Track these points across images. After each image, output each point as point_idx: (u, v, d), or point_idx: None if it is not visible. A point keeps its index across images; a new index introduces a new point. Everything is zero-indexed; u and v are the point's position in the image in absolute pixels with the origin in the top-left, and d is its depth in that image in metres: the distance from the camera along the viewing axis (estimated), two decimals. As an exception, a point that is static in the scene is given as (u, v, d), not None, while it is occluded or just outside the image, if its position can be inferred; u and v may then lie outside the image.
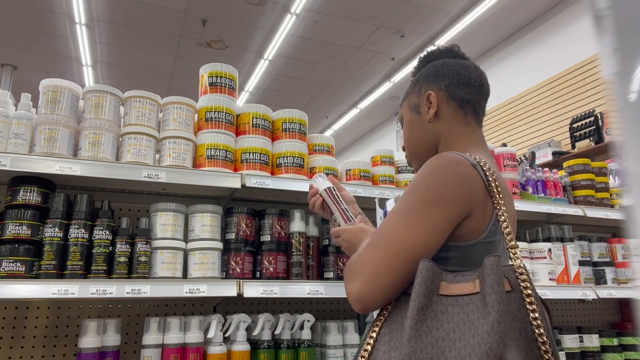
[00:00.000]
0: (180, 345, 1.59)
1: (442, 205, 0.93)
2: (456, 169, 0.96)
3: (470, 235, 0.96)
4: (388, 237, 0.95)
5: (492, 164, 1.07)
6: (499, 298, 0.82)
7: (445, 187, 0.95)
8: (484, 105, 1.18)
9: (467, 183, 0.96)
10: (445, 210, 0.93)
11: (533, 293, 0.86)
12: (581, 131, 4.83)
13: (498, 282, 0.83)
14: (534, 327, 0.83)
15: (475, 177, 0.97)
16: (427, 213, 0.93)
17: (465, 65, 1.18)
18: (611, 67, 0.44)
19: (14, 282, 1.39)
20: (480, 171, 0.98)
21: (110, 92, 1.72)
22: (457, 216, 0.94)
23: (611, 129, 0.50)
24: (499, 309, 0.81)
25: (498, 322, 0.80)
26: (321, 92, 8.37)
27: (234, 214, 1.81)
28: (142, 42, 6.74)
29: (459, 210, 0.94)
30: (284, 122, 1.97)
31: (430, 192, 0.95)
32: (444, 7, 6.03)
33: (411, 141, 1.22)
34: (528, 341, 0.83)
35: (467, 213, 0.95)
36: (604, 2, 0.45)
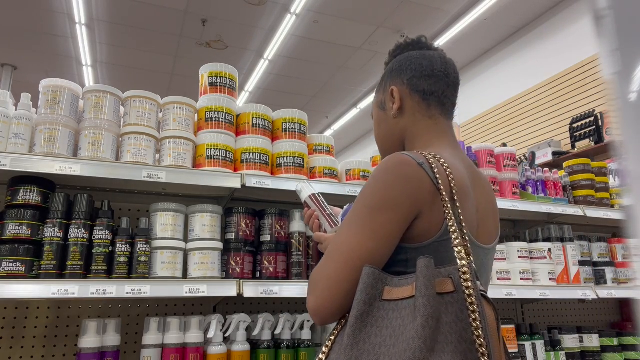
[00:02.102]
0: (180, 345, 1.59)
1: (387, 210, 0.92)
2: (400, 170, 0.95)
3: (425, 235, 0.94)
4: (338, 247, 0.94)
5: (457, 158, 1.06)
6: (426, 302, 0.80)
7: (389, 190, 0.94)
8: (452, 95, 1.15)
9: (412, 184, 0.94)
10: (390, 214, 0.92)
11: (474, 293, 0.83)
12: (581, 131, 4.83)
13: (426, 285, 0.82)
14: (473, 328, 0.81)
15: (420, 177, 0.94)
16: (372, 219, 0.93)
17: (429, 56, 1.14)
18: (611, 67, 0.44)
19: (14, 282, 1.39)
20: (427, 169, 0.95)
21: (110, 92, 1.72)
22: (405, 218, 0.93)
23: (611, 129, 0.50)
24: (425, 312, 0.79)
25: (423, 326, 0.78)
26: (321, 92, 8.37)
27: (234, 214, 1.81)
28: (142, 42, 6.74)
29: (405, 212, 0.93)
30: (284, 122, 1.97)
31: (374, 197, 0.95)
32: (444, 7, 6.03)
33: (379, 138, 1.22)
34: (468, 343, 0.80)
35: (416, 214, 0.94)
36: (604, 2, 0.45)
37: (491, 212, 1.10)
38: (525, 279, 2.19)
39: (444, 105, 1.13)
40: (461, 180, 1.00)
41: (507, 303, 2.56)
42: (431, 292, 0.81)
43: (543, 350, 2.14)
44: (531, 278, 2.21)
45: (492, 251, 1.09)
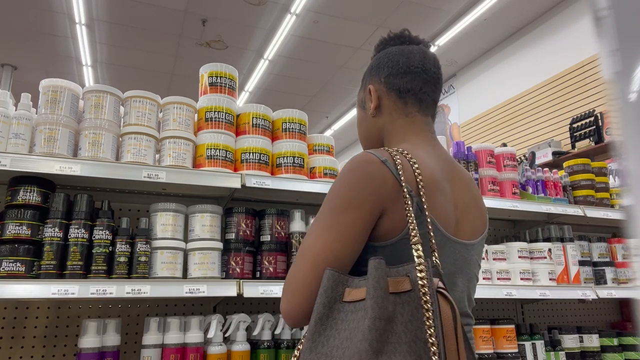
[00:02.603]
0: (180, 345, 1.59)
1: (350, 210, 0.92)
2: (363, 169, 0.94)
3: (392, 232, 0.93)
4: (305, 250, 0.94)
5: (431, 154, 1.05)
6: (373, 303, 0.80)
7: (351, 190, 0.93)
8: (431, 91, 1.12)
9: (374, 182, 0.93)
10: (354, 214, 0.92)
11: (429, 291, 0.82)
12: (581, 131, 4.83)
13: (374, 286, 0.81)
14: (427, 327, 0.79)
15: (383, 174, 0.93)
16: (336, 221, 0.92)
17: (407, 52, 1.12)
18: (611, 67, 0.44)
19: (14, 282, 1.39)
20: (390, 166, 0.94)
21: (110, 92, 1.72)
22: (369, 217, 0.92)
23: (611, 129, 0.50)
24: (372, 314, 0.79)
25: (369, 328, 0.78)
26: (321, 92, 8.37)
27: (234, 214, 1.81)
28: (142, 42, 6.74)
29: (369, 211, 0.92)
30: (284, 122, 1.97)
31: (339, 199, 0.94)
32: (444, 7, 6.03)
33: (361, 137, 1.21)
34: (422, 343, 0.79)
35: (380, 212, 0.93)
36: (604, 2, 0.45)
37: (474, 207, 1.08)
38: (525, 279, 2.19)
39: (421, 102, 1.11)
40: (430, 176, 0.98)
41: (507, 303, 2.56)
42: (379, 293, 0.81)
43: (543, 350, 2.14)
44: (531, 278, 2.21)
45: (477, 246, 1.07)
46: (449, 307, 0.82)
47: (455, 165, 1.11)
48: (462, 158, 2.30)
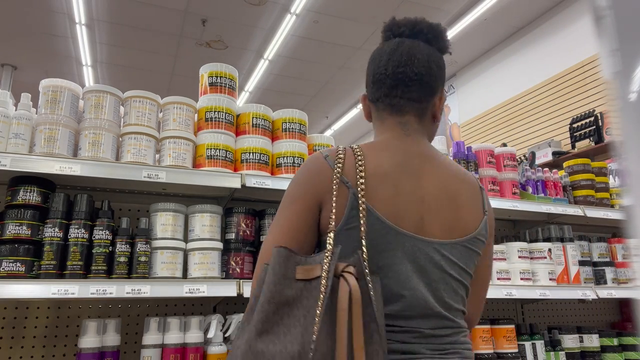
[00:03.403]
0: (180, 345, 1.59)
1: (292, 204, 0.99)
2: (306, 167, 1.03)
3: (333, 221, 0.95)
4: (264, 245, 1.00)
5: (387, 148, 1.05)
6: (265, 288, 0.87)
7: (294, 186, 1.03)
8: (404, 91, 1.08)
9: (313, 177, 1.00)
10: (294, 207, 0.99)
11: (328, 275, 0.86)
12: (581, 131, 4.83)
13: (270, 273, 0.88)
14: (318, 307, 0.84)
15: (320, 169, 0.99)
16: (281, 215, 1.00)
17: (377, 56, 1.12)
18: (611, 67, 0.44)
19: (14, 282, 1.39)
20: (330, 162, 0.99)
21: (110, 92, 1.72)
22: (307, 209, 0.98)
23: (611, 129, 0.50)
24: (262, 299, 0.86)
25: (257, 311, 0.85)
26: (321, 92, 8.37)
27: (234, 214, 1.81)
28: (142, 42, 6.74)
29: (307, 202, 0.98)
30: (284, 122, 1.97)
31: (285, 196, 1.03)
32: (444, 7, 6.03)
33: None
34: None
35: (319, 203, 0.98)
36: (604, 2, 0.45)
37: (447, 204, 1.04)
38: (525, 279, 2.19)
39: (392, 105, 1.10)
40: (376, 169, 0.99)
41: (507, 303, 2.56)
42: (271, 279, 0.86)
43: (543, 350, 2.14)
44: (531, 278, 2.21)
45: (453, 247, 1.02)
46: (347, 290, 0.85)
47: (433, 161, 1.08)
48: (462, 158, 2.30)
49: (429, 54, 1.11)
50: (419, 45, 1.12)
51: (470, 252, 1.06)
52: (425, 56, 1.10)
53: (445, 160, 1.12)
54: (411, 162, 1.04)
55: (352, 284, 0.85)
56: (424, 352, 0.95)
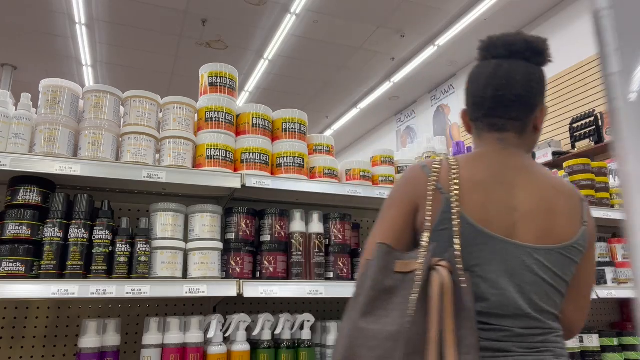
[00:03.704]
0: (180, 345, 1.59)
1: (392, 207, 1.13)
2: (405, 175, 1.16)
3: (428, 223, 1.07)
4: (368, 243, 1.11)
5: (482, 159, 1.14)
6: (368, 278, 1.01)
7: (394, 192, 1.16)
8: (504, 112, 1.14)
9: (410, 184, 1.12)
10: (394, 210, 1.12)
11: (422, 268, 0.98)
12: (581, 131, 4.83)
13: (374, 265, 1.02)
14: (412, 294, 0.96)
15: (418, 178, 1.11)
16: (383, 217, 1.13)
17: (475, 78, 1.17)
18: (611, 67, 0.44)
19: (14, 282, 1.39)
20: (427, 171, 1.11)
21: (110, 92, 1.72)
22: (407, 212, 1.10)
23: (611, 129, 0.50)
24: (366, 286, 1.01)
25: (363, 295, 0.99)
26: (321, 92, 8.37)
27: (234, 214, 1.81)
28: (142, 42, 6.74)
29: (406, 207, 1.10)
30: (284, 122, 1.97)
31: (386, 199, 1.16)
32: (444, 7, 6.03)
33: None
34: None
35: (415, 207, 1.10)
36: (604, 2, 0.45)
37: (543, 213, 1.10)
38: (525, 279, 2.19)
39: (492, 125, 1.16)
40: (469, 178, 1.09)
41: (507, 303, 2.55)
42: (374, 270, 1.00)
43: (543, 350, 2.13)
44: (531, 278, 2.21)
45: (543, 252, 1.07)
46: (439, 281, 0.96)
47: (530, 172, 1.14)
48: (462, 158, 2.29)
49: (528, 73, 1.13)
50: (517, 66, 1.14)
51: (566, 260, 1.10)
52: (524, 76, 1.12)
53: (544, 171, 1.19)
54: (506, 173, 1.12)
55: (444, 275, 0.96)
56: (515, 350, 1.01)
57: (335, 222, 1.95)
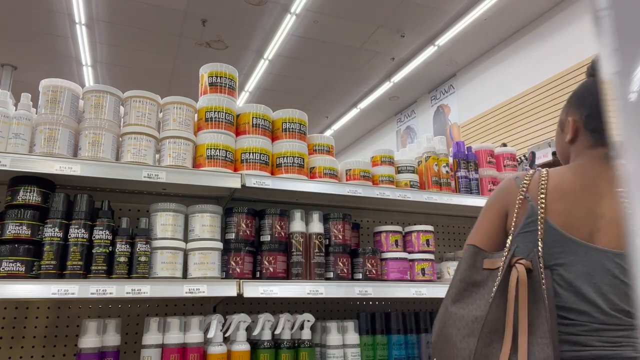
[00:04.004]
0: (180, 345, 1.59)
1: (486, 213, 1.28)
2: (500, 186, 1.31)
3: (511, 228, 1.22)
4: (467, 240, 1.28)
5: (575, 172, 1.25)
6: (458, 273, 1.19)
7: (489, 200, 1.30)
8: None
9: (502, 192, 1.27)
10: (488, 215, 1.27)
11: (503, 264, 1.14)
12: (581, 131, 4.82)
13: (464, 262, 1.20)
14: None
15: (510, 187, 1.26)
16: (478, 221, 1.29)
17: None
18: (611, 67, 0.44)
19: (14, 282, 1.39)
20: (518, 182, 1.25)
21: (110, 92, 1.72)
22: (498, 216, 1.25)
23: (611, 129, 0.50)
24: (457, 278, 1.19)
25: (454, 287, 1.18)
26: (321, 92, 8.37)
27: (234, 214, 1.81)
28: (142, 42, 6.74)
29: (496, 212, 1.26)
30: (284, 122, 1.97)
31: (484, 205, 1.31)
32: (444, 7, 6.03)
33: (556, 149, 1.46)
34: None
35: (505, 213, 1.24)
36: (604, 2, 0.45)
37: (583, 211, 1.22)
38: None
39: (604, 137, 1.27)
40: (557, 186, 1.22)
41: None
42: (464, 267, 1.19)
43: (543, 350, 2.14)
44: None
45: (623, 257, 1.14)
46: (516, 275, 1.11)
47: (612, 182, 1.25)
48: (462, 158, 2.30)
49: None
50: None
51: None
52: None
53: None
54: (598, 183, 1.21)
55: (520, 271, 1.12)
56: (595, 344, 1.08)
57: (335, 222, 1.95)
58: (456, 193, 2.24)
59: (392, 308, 2.31)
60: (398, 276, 1.98)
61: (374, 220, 2.39)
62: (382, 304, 2.30)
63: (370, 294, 1.81)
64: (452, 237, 2.57)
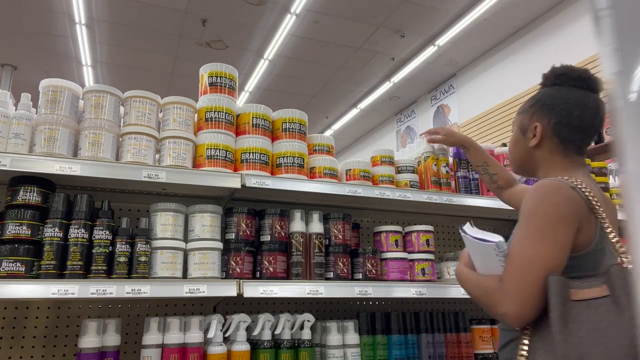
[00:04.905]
0: (180, 345, 1.59)
1: (562, 224, 1.12)
2: (562, 192, 1.15)
3: (582, 245, 1.14)
4: (531, 260, 1.10)
5: (589, 183, 1.24)
6: (629, 300, 1.00)
7: (559, 208, 1.13)
8: (592, 139, 1.31)
9: (573, 203, 1.15)
10: (567, 228, 1.12)
11: None
12: (581, 131, 4.81)
13: (625, 286, 1.02)
14: None
15: (577, 197, 1.15)
16: (554, 233, 1.11)
17: (583, 104, 1.26)
18: (611, 67, 0.44)
19: (14, 282, 1.39)
20: (579, 192, 1.16)
21: (110, 92, 1.72)
22: (574, 231, 1.13)
23: (611, 129, 0.50)
24: (631, 307, 0.99)
25: (633, 318, 0.98)
26: (321, 92, 8.37)
27: (234, 214, 1.81)
28: (142, 42, 6.74)
29: (574, 226, 1.13)
30: (284, 122, 1.97)
31: (550, 215, 1.13)
32: (444, 7, 6.03)
33: (512, 155, 1.43)
34: None
35: (578, 227, 1.14)
36: (604, 2, 0.45)
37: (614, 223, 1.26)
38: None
39: (580, 148, 1.30)
40: (600, 200, 1.18)
41: (507, 303, 2.55)
42: (628, 291, 1.01)
43: (543, 350, 2.14)
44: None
45: None
46: None
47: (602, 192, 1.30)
48: (463, 158, 2.30)
49: None
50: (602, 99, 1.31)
51: None
52: None
53: None
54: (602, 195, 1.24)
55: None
56: None
57: (335, 222, 1.95)
58: (456, 193, 2.24)
59: (392, 308, 2.31)
60: (398, 276, 1.98)
61: (374, 220, 2.39)
62: (382, 304, 2.30)
63: (370, 294, 1.81)
64: (452, 237, 2.57)
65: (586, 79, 1.30)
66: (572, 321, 1.03)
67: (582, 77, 1.30)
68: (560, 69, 1.34)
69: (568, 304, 1.05)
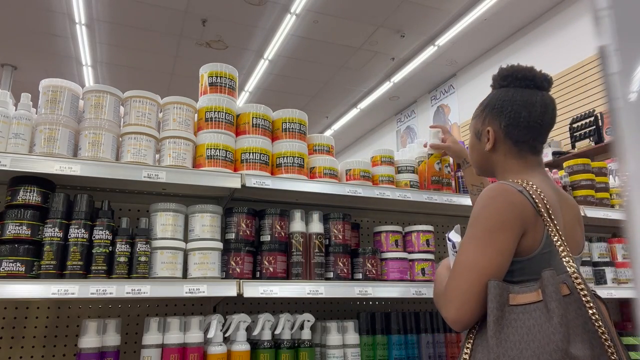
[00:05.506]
0: (180, 345, 1.59)
1: (504, 230, 1.12)
2: (505, 197, 1.15)
3: (528, 250, 1.14)
4: (468, 266, 1.13)
5: (545, 184, 1.24)
6: (557, 304, 1.02)
7: (501, 214, 1.14)
8: (544, 138, 1.31)
9: (517, 208, 1.14)
10: (507, 234, 1.12)
11: (589, 293, 1.06)
12: (581, 131, 4.83)
13: (555, 291, 1.04)
14: (593, 321, 1.04)
15: (523, 202, 1.15)
16: (494, 239, 1.12)
17: (530, 104, 1.27)
18: (611, 67, 0.44)
19: (14, 282, 1.39)
20: (527, 195, 1.16)
21: (110, 92, 1.72)
22: (517, 236, 1.13)
23: (611, 129, 0.50)
24: (559, 312, 1.01)
25: (560, 324, 1.01)
26: (321, 92, 8.37)
27: (234, 214, 1.81)
28: (142, 42, 6.74)
29: (517, 231, 1.13)
30: (284, 122, 1.97)
31: (491, 221, 1.14)
32: (444, 7, 6.03)
33: (472, 160, 1.45)
34: (590, 333, 1.03)
35: (522, 232, 1.14)
36: (604, 2, 0.45)
37: (577, 225, 1.30)
38: (525, 279, 2.19)
39: (534, 147, 1.31)
40: (552, 202, 1.19)
41: (507, 303, 2.55)
42: (559, 296, 1.04)
43: (543, 350, 2.13)
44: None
45: (579, 260, 1.26)
46: (604, 306, 1.10)
47: (561, 190, 1.33)
48: (462, 158, 2.29)
49: None
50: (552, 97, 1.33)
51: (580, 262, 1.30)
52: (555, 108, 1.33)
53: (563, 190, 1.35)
54: (556, 195, 1.25)
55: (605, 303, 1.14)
56: None
57: (335, 222, 1.95)
58: (456, 193, 2.24)
59: (392, 308, 2.31)
60: (398, 276, 1.98)
61: (374, 220, 2.39)
62: (382, 304, 2.30)
63: (370, 294, 1.81)
64: (452, 237, 2.57)
65: (531, 77, 1.30)
66: (508, 325, 1.05)
67: (527, 77, 1.30)
68: (506, 70, 1.34)
69: (506, 309, 1.07)
